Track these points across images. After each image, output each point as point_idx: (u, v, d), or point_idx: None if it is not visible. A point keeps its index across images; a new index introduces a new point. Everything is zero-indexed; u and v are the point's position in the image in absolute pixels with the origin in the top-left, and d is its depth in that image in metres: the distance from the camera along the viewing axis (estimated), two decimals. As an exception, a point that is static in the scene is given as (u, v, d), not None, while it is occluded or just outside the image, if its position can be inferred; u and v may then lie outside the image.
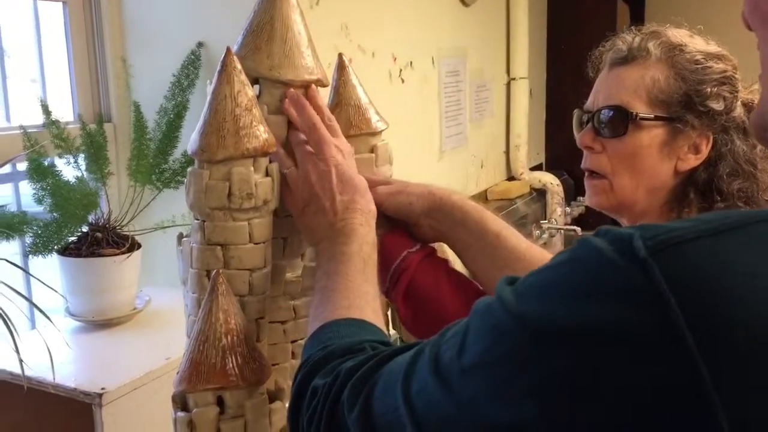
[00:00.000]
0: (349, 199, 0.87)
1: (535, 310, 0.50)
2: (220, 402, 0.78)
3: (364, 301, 0.77)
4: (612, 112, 1.12)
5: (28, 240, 1.38)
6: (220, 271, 0.82)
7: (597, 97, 1.16)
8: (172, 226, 1.62)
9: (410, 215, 0.96)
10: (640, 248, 0.47)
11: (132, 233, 1.58)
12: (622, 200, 1.14)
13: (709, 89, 1.07)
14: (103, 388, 1.23)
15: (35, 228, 1.35)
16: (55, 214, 1.38)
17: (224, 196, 0.83)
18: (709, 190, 1.08)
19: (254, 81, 0.90)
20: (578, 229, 2.73)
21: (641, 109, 1.09)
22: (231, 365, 0.78)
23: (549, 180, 3.02)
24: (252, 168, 0.84)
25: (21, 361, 1.22)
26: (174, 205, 1.65)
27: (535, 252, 0.92)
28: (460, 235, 0.94)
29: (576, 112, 1.21)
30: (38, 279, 1.32)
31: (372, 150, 1.03)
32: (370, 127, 1.03)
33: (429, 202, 0.95)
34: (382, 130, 1.05)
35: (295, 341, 0.99)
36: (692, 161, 1.09)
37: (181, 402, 0.81)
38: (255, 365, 0.80)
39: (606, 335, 0.46)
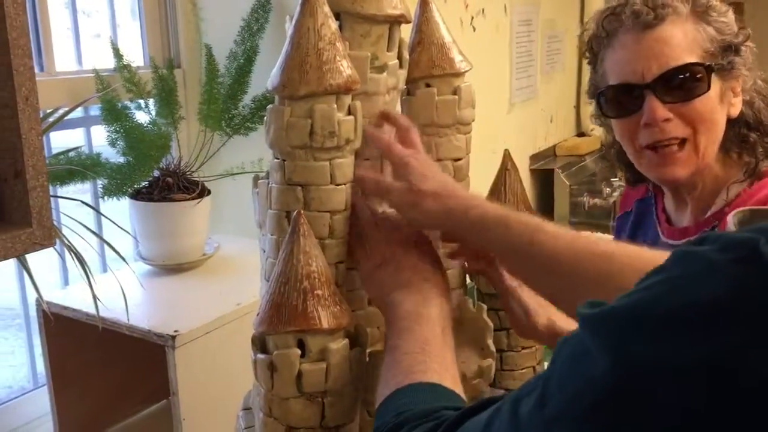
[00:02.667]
0: (430, 268, 0.83)
1: (636, 345, 0.41)
2: (300, 345, 0.76)
3: (443, 366, 0.70)
4: (687, 73, 1.03)
5: (102, 183, 1.38)
6: (302, 212, 0.79)
7: (644, 65, 1.04)
8: (242, 173, 1.60)
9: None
10: None
11: (202, 179, 1.57)
12: (704, 162, 1.07)
13: (735, 29, 1.06)
14: (176, 331, 1.24)
15: (108, 170, 1.34)
16: (127, 157, 1.38)
17: (306, 134, 0.80)
18: (760, 124, 1.09)
19: (336, 16, 0.86)
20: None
21: (707, 62, 1.04)
22: (312, 308, 0.75)
23: (620, 136, 2.90)
24: (335, 105, 0.80)
25: (96, 299, 1.23)
26: (243, 153, 1.64)
27: (580, 245, 0.77)
28: (490, 249, 0.87)
29: (612, 89, 1.09)
30: (111, 221, 1.33)
31: (455, 92, 0.98)
32: (453, 67, 0.98)
33: (445, 225, 0.85)
34: (466, 71, 1.00)
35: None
36: (738, 104, 1.08)
37: (260, 344, 0.79)
38: (336, 309, 0.77)
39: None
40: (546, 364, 0.83)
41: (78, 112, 1.65)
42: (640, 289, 0.44)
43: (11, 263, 1.50)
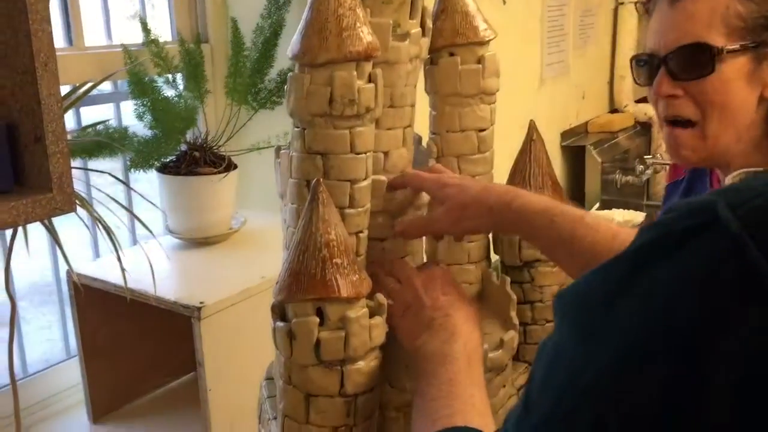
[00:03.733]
0: (453, 299, 0.82)
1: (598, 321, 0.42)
2: (319, 314, 0.76)
3: (469, 405, 0.68)
4: (692, 51, 0.98)
5: (129, 156, 1.39)
6: (321, 180, 0.78)
7: (665, 38, 1.01)
8: (268, 147, 1.61)
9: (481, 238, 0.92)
10: (729, 220, 0.38)
11: (228, 154, 1.58)
12: (715, 148, 1.01)
13: None
14: (201, 302, 1.25)
15: (136, 143, 1.36)
16: (154, 130, 1.39)
17: (325, 102, 0.79)
18: None
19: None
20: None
21: (723, 42, 0.96)
22: (331, 276, 0.75)
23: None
24: (355, 73, 0.79)
25: (123, 270, 1.24)
26: (269, 127, 1.64)
27: (619, 242, 0.76)
28: (533, 243, 0.89)
29: (637, 60, 1.07)
30: (139, 193, 1.34)
31: (479, 61, 0.97)
32: (477, 35, 0.96)
33: (491, 222, 0.85)
34: (490, 40, 0.98)
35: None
36: None
37: (280, 312, 0.79)
38: (355, 278, 0.77)
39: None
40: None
41: (108, 87, 1.67)
42: (603, 265, 0.44)
43: (47, 239, 1.53)
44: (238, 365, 1.31)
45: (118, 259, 1.23)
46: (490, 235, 1.05)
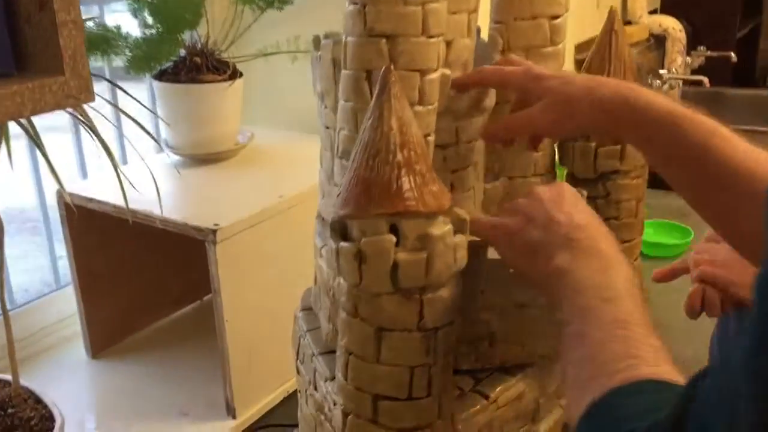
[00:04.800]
0: (592, 219, 0.65)
1: None
2: (392, 231, 0.62)
3: (652, 351, 0.53)
4: None
5: (124, 59, 1.22)
6: (391, 67, 0.63)
7: None
8: (277, 53, 1.43)
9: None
10: None
11: (232, 60, 1.41)
12: None
13: None
14: (216, 224, 1.10)
15: (132, 44, 1.18)
16: (153, 28, 1.20)
17: (395, -31, 0.64)
18: None
19: None
20: (705, 79, 2.43)
21: None
22: (410, 185, 0.61)
23: (671, 25, 2.69)
24: (431, -70, 0.63)
25: (124, 189, 1.09)
26: (277, 30, 1.46)
27: (764, 158, 0.63)
28: (651, 152, 0.70)
29: None
30: (136, 99, 1.17)
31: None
32: None
33: (605, 121, 0.69)
34: None
35: (456, 171, 0.81)
36: None
37: (340, 230, 0.65)
38: (435, 188, 0.63)
39: None
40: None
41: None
42: None
43: (23, 156, 1.36)
44: (258, 292, 1.18)
45: (118, 176, 1.07)
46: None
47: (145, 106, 1.15)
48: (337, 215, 0.64)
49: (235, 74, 1.38)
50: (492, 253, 0.75)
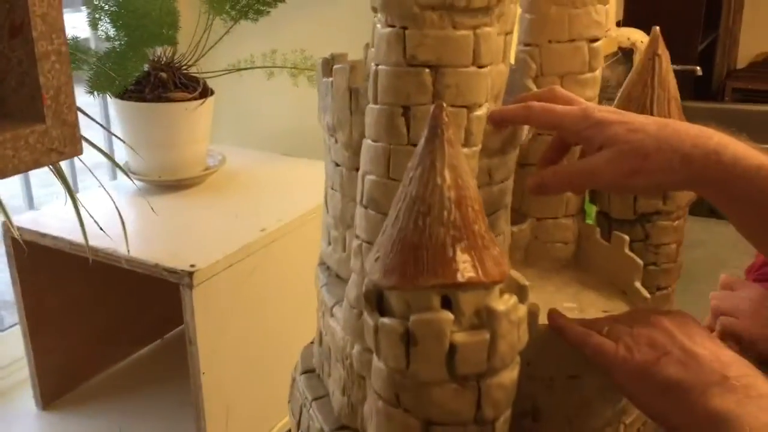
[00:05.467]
0: (726, 347, 0.57)
1: None
2: (445, 304, 0.51)
3: None
4: None
5: (84, 76, 1.07)
6: (443, 105, 0.52)
7: None
8: (251, 68, 1.31)
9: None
10: None
11: (202, 75, 1.27)
12: None
13: None
14: (192, 265, 0.97)
15: (94, 58, 1.03)
16: (117, 40, 1.06)
17: (445, -15, 0.53)
18: None
19: None
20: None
21: None
22: (468, 251, 0.50)
23: (639, 38, 2.64)
24: (489, -58, 0.53)
25: (82, 224, 0.94)
26: (251, 43, 1.34)
27: None
28: (738, 212, 0.61)
29: None
30: (96, 121, 1.03)
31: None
32: None
33: (686, 178, 0.60)
34: None
35: (487, 215, 0.70)
36: None
37: (377, 301, 0.54)
38: (496, 252, 0.52)
39: None
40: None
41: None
42: None
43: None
44: (236, 341, 1.06)
45: (76, 208, 0.93)
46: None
47: (106, 129, 1.00)
48: (378, 283, 0.52)
49: (206, 91, 1.25)
50: (542, 318, 0.64)
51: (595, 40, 0.76)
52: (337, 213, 0.72)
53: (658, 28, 0.80)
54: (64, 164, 1.34)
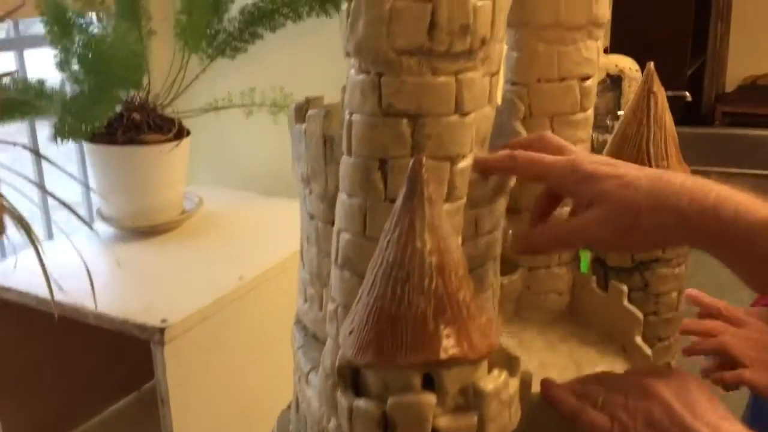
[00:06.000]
0: (731, 416, 0.54)
1: None
2: (426, 383, 0.46)
3: None
4: None
5: (51, 120, 1.02)
6: (423, 159, 0.47)
7: None
8: (229, 107, 1.26)
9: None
10: None
11: (177, 115, 1.22)
12: None
13: None
14: (164, 320, 0.91)
15: (59, 103, 0.98)
16: (84, 84, 1.01)
17: (423, 29, 0.48)
18: None
19: None
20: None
21: None
22: (452, 323, 0.45)
23: (627, 65, 2.62)
24: (468, -19, 0.48)
25: (48, 278, 0.89)
26: (228, 81, 1.29)
27: None
28: (744, 267, 0.56)
29: None
30: (61, 168, 0.97)
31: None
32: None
33: (683, 235, 0.55)
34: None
35: (473, 269, 0.65)
36: None
37: (351, 378, 0.48)
38: (483, 320, 0.47)
39: None
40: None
41: (3, 31, 1.27)
42: None
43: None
44: (211, 399, 0.99)
45: (41, 262, 0.87)
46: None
47: (70, 175, 0.95)
48: (352, 358, 0.47)
49: (182, 132, 1.20)
50: (535, 383, 0.59)
51: (587, 78, 0.71)
52: (313, 269, 0.67)
53: (652, 63, 0.76)
54: (37, 208, 1.29)
